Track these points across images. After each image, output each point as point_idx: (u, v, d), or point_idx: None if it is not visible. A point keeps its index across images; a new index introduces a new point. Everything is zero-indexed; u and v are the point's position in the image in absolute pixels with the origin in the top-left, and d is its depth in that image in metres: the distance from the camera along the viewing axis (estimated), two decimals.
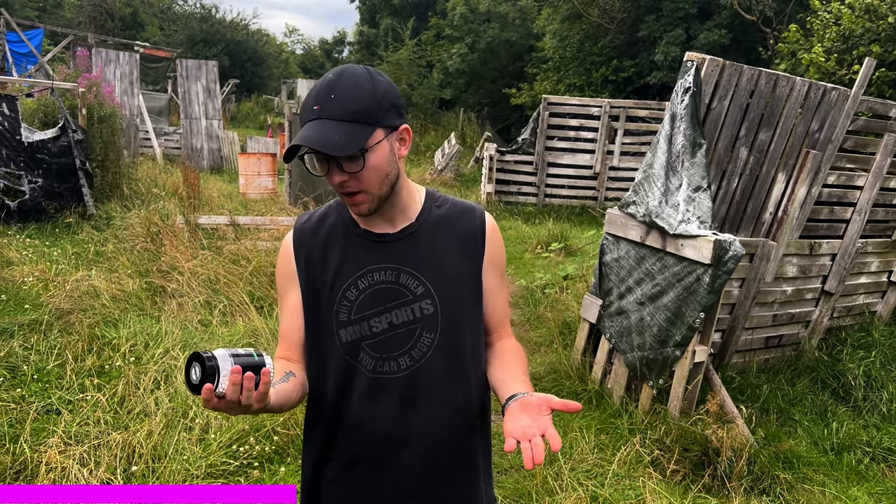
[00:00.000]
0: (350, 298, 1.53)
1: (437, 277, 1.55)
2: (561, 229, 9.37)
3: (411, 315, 1.53)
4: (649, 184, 4.16)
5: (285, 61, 46.68)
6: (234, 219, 7.43)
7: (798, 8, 12.71)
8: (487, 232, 1.64)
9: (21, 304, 5.47)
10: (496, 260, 1.66)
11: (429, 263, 1.55)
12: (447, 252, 1.58)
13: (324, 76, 1.43)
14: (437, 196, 1.66)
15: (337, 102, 1.37)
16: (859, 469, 3.97)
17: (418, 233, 1.57)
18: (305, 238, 1.60)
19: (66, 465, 3.19)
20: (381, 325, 1.53)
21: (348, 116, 1.37)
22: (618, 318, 4.36)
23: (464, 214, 1.64)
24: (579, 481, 3.46)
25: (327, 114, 1.37)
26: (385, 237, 1.55)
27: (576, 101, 12.23)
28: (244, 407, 1.23)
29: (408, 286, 1.54)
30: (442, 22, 22.71)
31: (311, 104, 1.40)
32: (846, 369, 4.90)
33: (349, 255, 1.55)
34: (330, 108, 1.37)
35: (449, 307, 1.55)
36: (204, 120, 16.00)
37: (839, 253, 5.03)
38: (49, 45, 24.03)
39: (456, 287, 1.57)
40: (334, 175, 1.42)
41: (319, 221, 1.61)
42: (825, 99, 4.63)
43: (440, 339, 1.55)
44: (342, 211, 1.60)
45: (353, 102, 1.38)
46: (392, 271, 1.54)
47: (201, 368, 1.21)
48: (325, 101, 1.38)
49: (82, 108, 8.91)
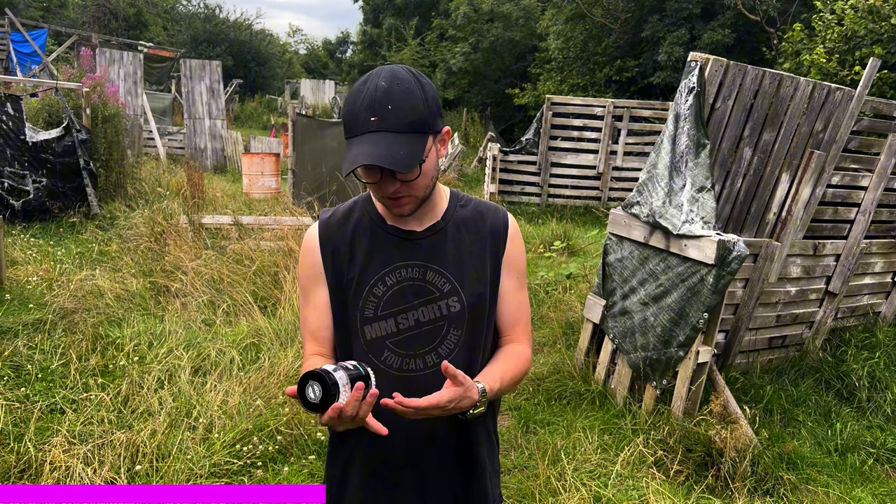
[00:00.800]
0: (377, 294, 1.54)
1: (462, 275, 1.56)
2: (564, 229, 9.36)
3: (438, 312, 1.55)
4: (653, 184, 4.16)
5: (289, 61, 46.77)
6: (237, 218, 7.44)
7: (802, 8, 12.68)
8: (510, 233, 1.66)
9: (25, 304, 5.49)
10: (515, 261, 1.68)
11: (455, 261, 1.57)
12: (472, 251, 1.60)
13: (368, 80, 1.40)
14: (461, 196, 1.68)
15: (395, 114, 1.36)
16: (863, 470, 3.96)
17: (444, 231, 1.59)
18: (331, 233, 1.60)
19: (70, 464, 3.19)
20: (408, 322, 1.54)
21: (406, 128, 1.37)
22: (621, 319, 4.36)
23: (487, 214, 1.66)
24: (582, 482, 3.46)
25: (386, 126, 1.36)
26: (412, 234, 1.56)
27: (579, 101, 12.23)
28: (358, 419, 1.29)
29: (435, 283, 1.55)
30: (445, 22, 22.72)
31: (365, 114, 1.37)
32: (850, 370, 4.89)
33: (376, 250, 1.56)
34: (388, 120, 1.36)
35: (474, 305, 1.57)
36: (207, 120, 16.03)
37: (843, 253, 5.02)
38: (53, 44, 24.10)
39: (480, 285, 1.59)
40: (388, 185, 1.42)
41: (345, 217, 1.62)
42: (829, 99, 4.62)
43: (466, 336, 1.56)
44: (368, 206, 1.61)
45: (410, 113, 1.37)
46: (419, 268, 1.55)
47: (321, 387, 1.24)
48: (382, 111, 1.36)
49: (86, 107, 8.93)
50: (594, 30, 16.23)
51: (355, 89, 1.42)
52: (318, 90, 32.50)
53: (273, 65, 40.19)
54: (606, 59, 15.92)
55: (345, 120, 1.42)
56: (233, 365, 4.38)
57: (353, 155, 1.36)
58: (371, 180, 1.44)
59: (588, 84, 16.15)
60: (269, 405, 3.88)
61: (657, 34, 14.30)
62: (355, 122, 1.39)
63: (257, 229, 7.43)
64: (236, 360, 4.43)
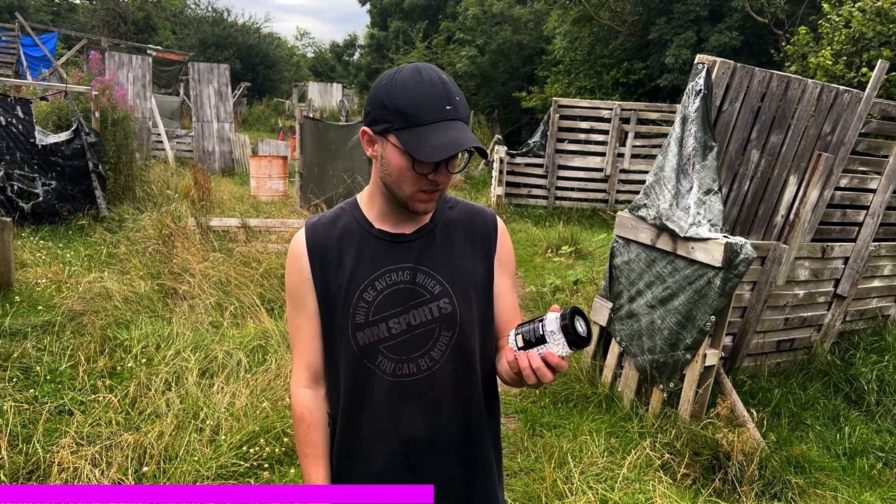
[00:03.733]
0: (367, 300, 1.52)
1: (452, 276, 1.55)
2: (571, 232, 9.36)
3: (429, 315, 1.53)
4: (660, 186, 4.15)
5: (296, 64, 46.91)
6: (245, 221, 7.47)
7: (810, 10, 12.63)
8: (499, 233, 1.66)
9: (34, 306, 5.52)
10: (506, 261, 1.67)
11: (445, 262, 1.55)
12: (462, 252, 1.59)
13: (422, 72, 1.39)
14: (448, 198, 1.67)
15: (461, 105, 1.41)
16: (872, 474, 3.94)
17: (434, 232, 1.57)
18: (319, 238, 1.57)
19: (78, 465, 3.21)
20: (400, 327, 1.52)
21: (466, 120, 1.42)
22: (628, 322, 4.35)
23: (476, 216, 1.65)
24: (589, 485, 3.45)
25: (460, 116, 1.40)
26: (401, 237, 1.55)
27: (586, 104, 12.22)
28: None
29: (425, 286, 1.53)
30: (453, 25, 22.72)
31: (438, 103, 1.37)
32: (859, 373, 4.86)
33: (365, 255, 1.54)
34: (459, 111, 1.40)
35: (465, 305, 1.55)
36: (216, 123, 16.09)
37: (852, 256, 4.99)
38: (63, 48, 24.27)
39: (471, 286, 1.58)
40: (442, 175, 1.43)
41: (332, 222, 1.59)
42: (837, 101, 4.60)
43: (458, 337, 1.55)
44: (355, 211, 1.60)
45: (467, 107, 1.44)
46: (408, 271, 1.53)
47: (584, 321, 1.26)
48: (455, 102, 1.39)
49: (95, 111, 8.99)
50: (601, 32, 16.20)
51: (409, 78, 1.39)
52: (325, 93, 32.57)
53: (281, 68, 40.31)
54: (613, 62, 15.89)
55: (405, 109, 1.38)
56: (240, 367, 4.40)
57: (439, 139, 1.35)
58: (426, 171, 1.41)
59: (595, 87, 16.12)
60: (275, 407, 3.89)
61: (664, 36, 14.26)
62: (424, 111, 1.37)
63: (264, 232, 7.45)
64: (243, 362, 4.44)
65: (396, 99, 1.38)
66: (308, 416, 1.59)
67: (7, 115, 8.16)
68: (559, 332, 1.25)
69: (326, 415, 1.61)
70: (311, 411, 1.59)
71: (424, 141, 1.36)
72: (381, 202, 1.55)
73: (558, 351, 1.26)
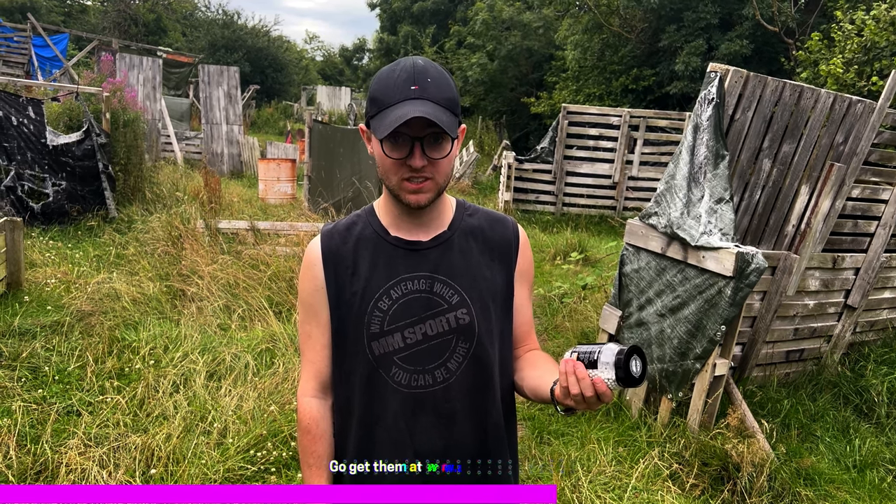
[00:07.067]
0: (382, 309, 1.48)
1: (471, 286, 1.51)
2: (579, 238, 9.33)
3: (447, 325, 1.48)
4: (671, 195, 4.13)
5: (305, 68, 47.07)
6: (253, 224, 7.48)
7: (821, 19, 12.60)
8: (521, 244, 1.62)
9: (43, 306, 5.53)
10: (526, 272, 1.63)
11: (463, 272, 1.51)
12: (481, 261, 1.54)
13: (400, 62, 1.38)
14: (468, 206, 1.63)
15: (434, 86, 1.35)
16: (882, 487, 3.90)
17: (451, 241, 1.53)
18: (334, 246, 1.54)
19: (85, 466, 3.21)
20: (415, 337, 1.48)
21: (444, 102, 1.36)
22: (637, 330, 4.33)
23: (496, 224, 1.61)
24: (597, 494, 3.43)
25: (428, 95, 1.34)
26: (418, 245, 1.51)
27: (595, 111, 12.21)
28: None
29: (442, 295, 1.49)
30: (463, 29, 22.75)
31: (403, 85, 1.35)
32: (869, 385, 4.83)
33: (380, 263, 1.50)
34: (429, 91, 1.34)
35: (483, 316, 1.51)
36: (225, 125, 16.14)
37: (863, 267, 4.96)
38: (74, 49, 24.41)
39: (490, 296, 1.54)
40: (416, 158, 1.37)
41: (347, 230, 1.56)
42: (850, 111, 4.58)
43: (475, 349, 1.50)
44: (371, 218, 1.56)
45: (446, 90, 1.37)
46: (425, 280, 1.49)
47: (642, 363, 1.26)
48: (423, 83, 1.35)
49: (106, 112, 9.03)
50: (611, 39, 16.19)
51: (387, 69, 1.39)
52: (334, 97, 32.67)
53: (290, 71, 40.43)
54: (623, 69, 15.88)
55: (375, 94, 1.38)
56: (247, 370, 4.40)
57: (394, 116, 1.31)
58: (398, 155, 1.38)
59: (604, 93, 16.11)
60: (283, 411, 3.88)
61: (674, 44, 14.24)
62: (390, 93, 1.35)
63: (273, 234, 7.46)
64: (251, 366, 4.44)
65: (371, 88, 1.40)
66: (314, 428, 1.56)
67: (19, 115, 8.20)
68: (612, 367, 1.25)
69: (332, 426, 1.59)
70: (318, 422, 1.56)
71: (384, 119, 1.34)
72: (392, 207, 1.52)
73: (607, 381, 1.26)
